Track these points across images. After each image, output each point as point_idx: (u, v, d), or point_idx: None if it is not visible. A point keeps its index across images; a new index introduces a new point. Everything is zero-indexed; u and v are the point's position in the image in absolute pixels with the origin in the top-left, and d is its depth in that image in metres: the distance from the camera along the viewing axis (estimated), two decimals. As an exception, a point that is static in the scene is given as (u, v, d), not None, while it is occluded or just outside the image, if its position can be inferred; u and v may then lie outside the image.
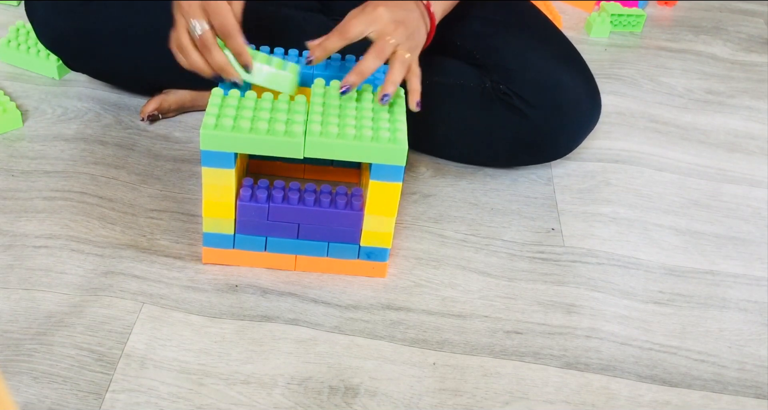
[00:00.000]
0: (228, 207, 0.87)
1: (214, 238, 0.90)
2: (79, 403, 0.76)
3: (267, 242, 0.90)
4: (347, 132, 0.82)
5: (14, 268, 0.89)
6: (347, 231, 0.89)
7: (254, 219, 0.88)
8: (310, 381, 0.80)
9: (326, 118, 0.84)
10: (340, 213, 0.88)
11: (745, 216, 1.13)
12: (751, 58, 1.58)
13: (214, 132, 0.81)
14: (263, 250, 0.91)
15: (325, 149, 0.82)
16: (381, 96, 0.84)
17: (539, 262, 0.99)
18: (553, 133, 1.05)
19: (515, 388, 0.83)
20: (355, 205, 0.88)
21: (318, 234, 0.89)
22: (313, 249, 0.91)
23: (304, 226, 0.89)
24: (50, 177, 1.03)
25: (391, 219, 0.88)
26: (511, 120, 1.04)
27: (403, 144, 0.82)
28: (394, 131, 0.83)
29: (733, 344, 0.91)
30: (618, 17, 1.61)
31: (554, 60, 1.04)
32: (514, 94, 1.03)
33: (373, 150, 0.82)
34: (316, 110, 0.85)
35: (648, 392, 0.84)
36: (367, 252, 0.91)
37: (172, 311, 0.86)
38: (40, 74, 1.23)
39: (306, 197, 0.87)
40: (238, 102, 0.85)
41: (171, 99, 1.15)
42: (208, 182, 0.85)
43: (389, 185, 0.85)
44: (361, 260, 0.92)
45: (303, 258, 0.92)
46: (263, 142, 0.81)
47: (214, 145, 0.82)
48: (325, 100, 0.86)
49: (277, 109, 0.84)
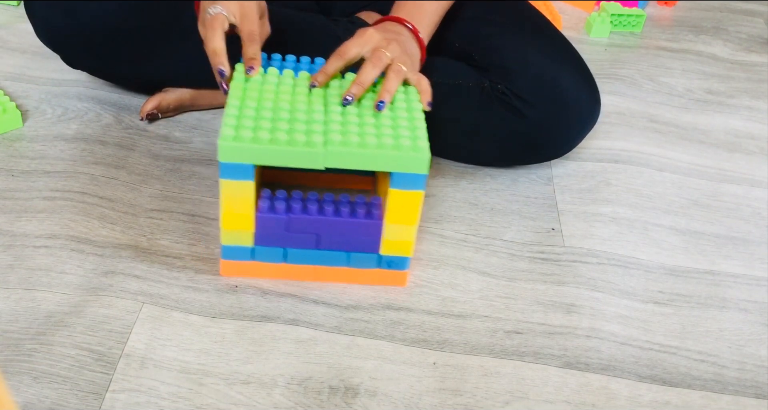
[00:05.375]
0: (247, 220, 0.85)
1: (233, 251, 0.88)
2: (79, 403, 0.76)
3: (286, 253, 0.89)
4: (368, 141, 0.80)
5: (14, 268, 0.89)
6: (367, 241, 0.88)
7: (273, 231, 0.87)
8: (310, 381, 0.80)
9: (346, 127, 0.83)
10: (361, 223, 0.86)
11: (745, 216, 1.13)
12: (751, 58, 1.59)
13: (233, 144, 0.79)
14: (282, 262, 0.90)
15: (346, 159, 0.80)
16: (376, 103, 0.86)
17: (539, 262, 0.99)
18: (553, 132, 1.05)
19: (515, 388, 0.83)
20: (375, 214, 0.87)
21: (338, 244, 0.88)
22: (333, 260, 0.90)
23: (323, 237, 0.87)
24: (50, 177, 1.03)
25: (412, 228, 0.86)
26: (510, 119, 1.04)
27: (425, 152, 0.81)
28: (415, 139, 0.82)
29: (733, 344, 0.91)
30: (618, 17, 1.61)
31: (552, 59, 1.04)
32: (513, 93, 1.03)
33: (395, 158, 0.80)
34: (335, 119, 0.84)
35: (648, 392, 0.84)
36: (388, 261, 0.90)
37: (172, 311, 0.86)
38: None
39: (325, 207, 0.86)
40: (255, 112, 0.83)
41: (170, 97, 1.15)
42: (227, 194, 0.83)
43: (410, 194, 0.83)
44: (381, 269, 0.91)
45: (322, 268, 0.91)
46: (283, 153, 0.80)
47: (234, 157, 0.80)
48: (343, 108, 0.86)
49: (296, 119, 0.83)
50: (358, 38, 0.90)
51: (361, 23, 1.17)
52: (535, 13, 1.13)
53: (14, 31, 1.36)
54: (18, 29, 1.36)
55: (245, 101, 0.85)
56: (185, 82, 1.15)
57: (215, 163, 1.10)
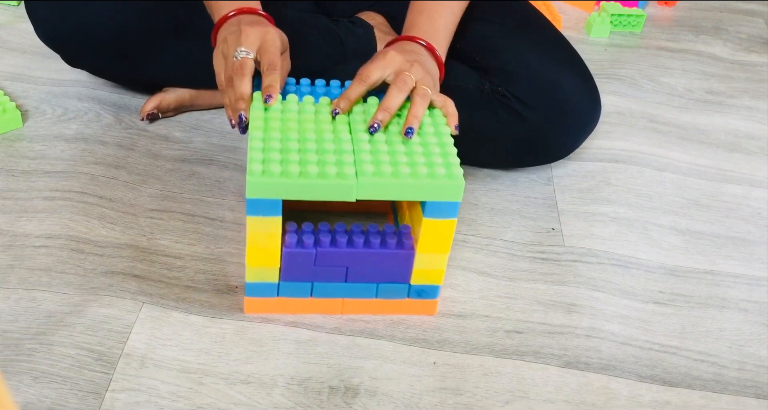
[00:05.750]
0: (273, 255, 0.81)
1: (257, 288, 0.85)
2: (79, 403, 0.76)
3: (313, 287, 0.85)
4: (401, 170, 0.77)
5: (14, 268, 0.89)
6: (398, 271, 0.84)
7: (301, 266, 0.83)
8: (310, 382, 0.80)
9: (376, 156, 0.79)
10: (392, 254, 0.83)
11: (745, 216, 1.13)
12: (751, 58, 1.58)
13: (262, 179, 0.75)
14: (309, 296, 0.86)
15: (380, 190, 0.77)
16: (405, 130, 0.82)
17: (539, 262, 0.99)
18: (553, 135, 1.05)
19: (515, 387, 0.83)
20: (406, 244, 0.83)
21: (367, 276, 0.85)
22: (362, 292, 0.86)
23: (353, 269, 0.84)
24: (50, 177, 1.03)
25: (445, 256, 0.84)
26: (510, 122, 1.04)
27: (461, 179, 0.78)
28: (449, 166, 0.79)
29: (733, 344, 0.91)
30: (618, 17, 1.61)
31: (553, 61, 1.04)
32: (513, 96, 1.03)
33: (430, 187, 0.77)
34: (364, 148, 0.80)
35: (648, 392, 0.84)
36: (418, 290, 0.87)
37: (172, 311, 0.86)
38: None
39: (355, 239, 0.82)
40: (281, 144, 0.79)
41: (170, 97, 1.15)
42: (253, 230, 0.79)
43: (444, 222, 0.80)
44: (411, 299, 0.87)
45: (350, 301, 0.87)
46: (315, 187, 0.76)
47: (262, 193, 0.76)
48: (370, 136, 0.82)
49: (324, 150, 0.79)
50: (379, 61, 0.86)
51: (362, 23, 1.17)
52: (536, 14, 1.13)
53: (14, 31, 1.36)
54: (18, 29, 1.36)
55: (269, 132, 0.81)
56: (185, 82, 1.15)
57: (215, 162, 1.10)
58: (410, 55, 0.88)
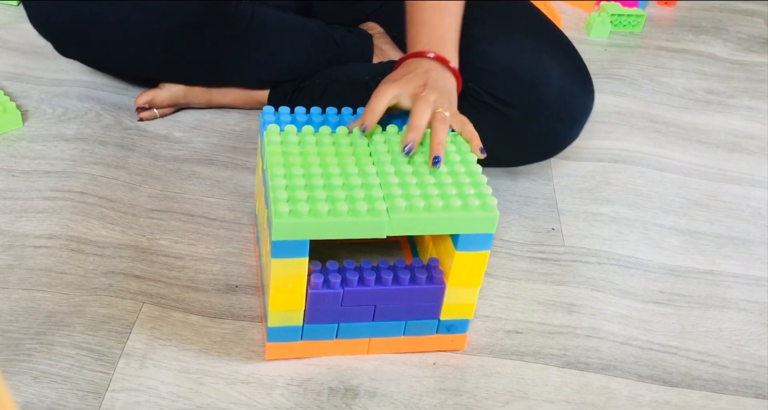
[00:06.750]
0: (298, 298, 0.77)
1: (280, 332, 0.79)
2: (78, 403, 0.76)
3: (338, 328, 0.81)
4: (434, 203, 0.73)
5: (14, 268, 0.89)
6: (428, 307, 0.81)
7: (327, 307, 0.78)
8: (310, 382, 0.80)
9: (406, 189, 0.75)
10: (423, 290, 0.79)
11: (745, 216, 1.13)
12: (751, 58, 1.59)
13: (289, 219, 0.70)
14: (334, 338, 0.82)
15: (413, 225, 0.74)
16: (432, 160, 0.79)
17: (539, 262, 0.99)
18: (539, 131, 0.99)
19: (515, 388, 0.83)
20: (436, 279, 0.79)
21: (396, 313, 0.80)
22: (389, 330, 0.82)
23: (380, 307, 0.79)
24: (50, 177, 1.03)
25: (476, 290, 0.80)
26: (493, 121, 0.98)
27: (495, 210, 0.75)
28: (482, 196, 0.76)
29: (733, 344, 0.91)
30: (618, 17, 1.61)
31: (533, 55, 0.97)
32: (490, 94, 0.97)
33: (465, 220, 0.74)
34: (392, 181, 0.76)
35: (648, 392, 0.84)
36: (447, 325, 0.83)
37: (172, 311, 0.86)
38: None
39: (383, 276, 0.77)
40: (305, 180, 0.75)
41: (163, 94, 1.15)
42: (278, 274, 0.74)
43: (476, 255, 0.77)
44: (440, 334, 0.84)
45: (377, 340, 0.83)
46: (346, 226, 0.72)
47: (290, 234, 0.71)
48: (396, 168, 0.78)
49: (351, 185, 0.75)
50: (390, 82, 0.83)
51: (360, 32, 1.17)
52: (525, 6, 1.06)
53: (14, 31, 1.36)
54: (18, 29, 1.36)
55: (290, 168, 0.76)
56: (178, 79, 1.14)
57: (215, 162, 1.10)
58: (418, 78, 0.84)
